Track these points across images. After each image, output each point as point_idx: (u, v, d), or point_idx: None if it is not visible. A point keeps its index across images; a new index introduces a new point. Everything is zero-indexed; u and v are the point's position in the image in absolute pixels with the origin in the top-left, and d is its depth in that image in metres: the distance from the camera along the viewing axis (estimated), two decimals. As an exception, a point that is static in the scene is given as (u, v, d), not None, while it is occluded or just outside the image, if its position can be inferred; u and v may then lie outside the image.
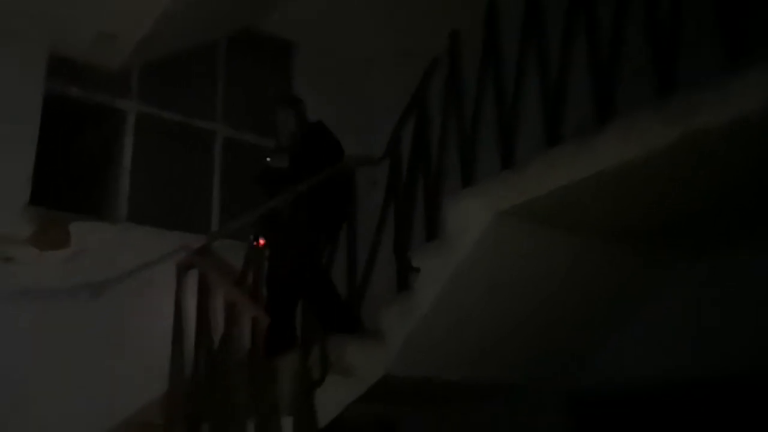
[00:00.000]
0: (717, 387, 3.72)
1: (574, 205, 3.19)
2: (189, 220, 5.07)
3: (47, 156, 4.53)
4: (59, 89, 4.74)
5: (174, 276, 4.00)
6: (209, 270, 3.88)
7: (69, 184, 4.76)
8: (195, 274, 3.95)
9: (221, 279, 3.84)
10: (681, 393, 3.88)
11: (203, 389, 3.72)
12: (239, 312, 3.65)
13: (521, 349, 3.96)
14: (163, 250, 4.46)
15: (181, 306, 3.91)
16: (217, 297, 3.78)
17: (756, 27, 2.77)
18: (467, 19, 3.74)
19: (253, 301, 3.78)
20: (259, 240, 4.07)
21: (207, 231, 4.94)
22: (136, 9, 4.49)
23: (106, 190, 4.93)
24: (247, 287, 3.93)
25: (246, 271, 4.00)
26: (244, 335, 3.62)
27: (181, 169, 5.24)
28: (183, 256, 4.08)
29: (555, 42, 3.33)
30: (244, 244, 4.28)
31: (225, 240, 4.48)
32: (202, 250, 4.07)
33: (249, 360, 3.57)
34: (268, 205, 4.08)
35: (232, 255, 4.35)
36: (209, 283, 3.85)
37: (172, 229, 4.80)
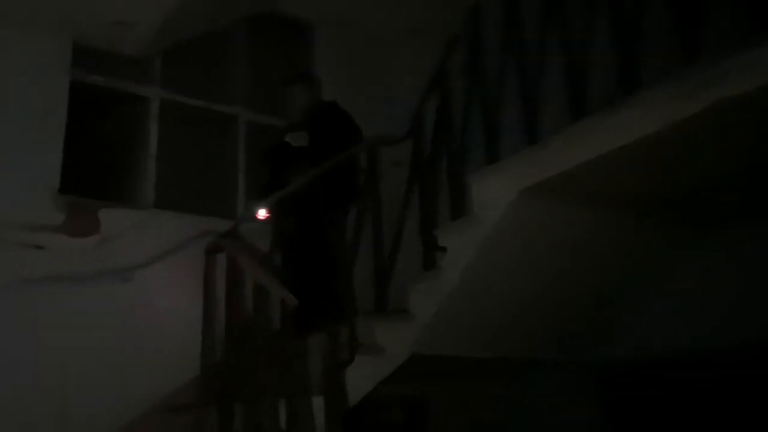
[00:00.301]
0: (742, 357, 3.70)
1: (599, 180, 3.18)
2: (215, 204, 5.11)
3: (74, 144, 4.59)
4: (84, 78, 4.78)
5: (201, 260, 4.06)
6: (238, 253, 3.92)
7: (96, 171, 4.81)
8: (223, 257, 4.00)
9: (250, 261, 3.87)
10: (707, 363, 3.88)
11: (234, 371, 3.77)
12: (268, 294, 3.68)
13: (547, 325, 3.96)
14: (190, 234, 4.51)
15: (211, 289, 3.96)
16: (246, 279, 3.82)
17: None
18: (487, -6, 3.72)
19: (281, 283, 3.81)
20: (264, 212, 4.09)
21: (232, 215, 4.97)
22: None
23: (132, 176, 4.98)
24: (275, 269, 3.97)
25: (273, 253, 4.04)
26: (273, 317, 3.66)
27: (206, 154, 5.27)
28: (211, 239, 4.13)
29: (576, 15, 3.29)
30: (268, 227, 4.31)
31: (250, 223, 4.51)
32: (230, 233, 4.11)
33: (279, 341, 3.62)
34: (294, 185, 4.09)
35: (257, 238, 4.39)
36: (238, 266, 3.89)
37: (198, 214, 4.84)
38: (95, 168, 4.83)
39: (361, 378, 3.53)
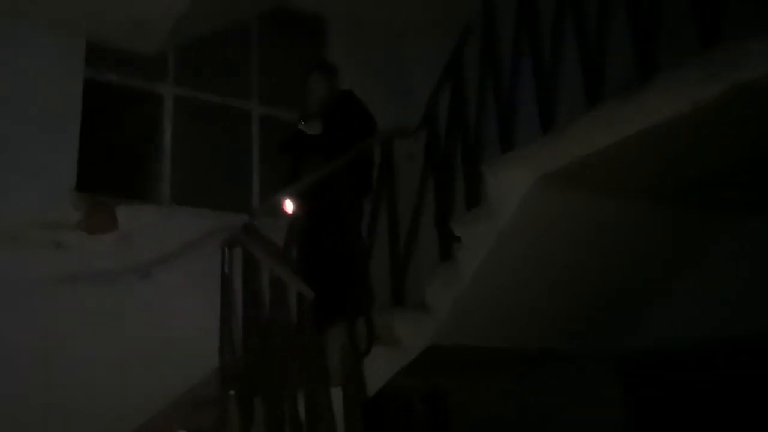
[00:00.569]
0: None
1: (618, 165, 3.14)
2: (230, 199, 5.13)
3: (90, 142, 4.62)
4: (98, 76, 4.82)
5: (218, 254, 4.07)
6: (254, 247, 3.92)
7: (113, 168, 4.85)
8: (239, 251, 4.01)
9: (266, 255, 3.88)
10: (730, 353, 3.82)
11: (253, 364, 3.78)
12: (285, 287, 3.69)
13: (567, 315, 3.93)
14: (207, 230, 4.53)
15: (228, 283, 3.97)
16: (263, 273, 3.82)
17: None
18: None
19: (298, 276, 3.82)
20: (291, 204, 4.08)
21: (248, 209, 4.99)
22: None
23: (148, 173, 5.01)
24: (291, 262, 3.97)
25: (289, 247, 4.04)
26: (291, 309, 3.67)
27: (220, 150, 5.29)
28: (227, 234, 4.14)
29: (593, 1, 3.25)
30: (283, 221, 4.31)
31: (266, 217, 4.52)
32: (246, 227, 4.11)
33: (297, 333, 3.62)
34: (312, 177, 4.08)
35: (272, 232, 4.39)
36: (255, 260, 3.89)
37: (214, 209, 4.87)
38: (112, 165, 4.86)
39: (380, 369, 3.54)
